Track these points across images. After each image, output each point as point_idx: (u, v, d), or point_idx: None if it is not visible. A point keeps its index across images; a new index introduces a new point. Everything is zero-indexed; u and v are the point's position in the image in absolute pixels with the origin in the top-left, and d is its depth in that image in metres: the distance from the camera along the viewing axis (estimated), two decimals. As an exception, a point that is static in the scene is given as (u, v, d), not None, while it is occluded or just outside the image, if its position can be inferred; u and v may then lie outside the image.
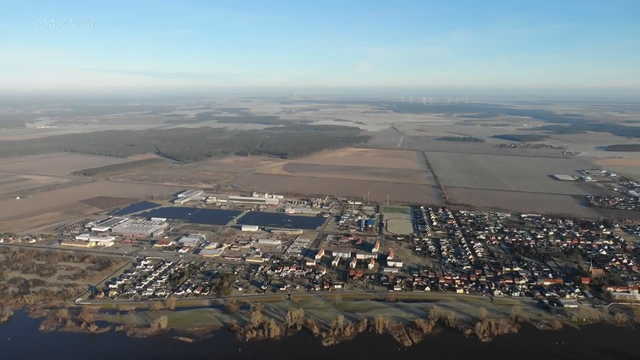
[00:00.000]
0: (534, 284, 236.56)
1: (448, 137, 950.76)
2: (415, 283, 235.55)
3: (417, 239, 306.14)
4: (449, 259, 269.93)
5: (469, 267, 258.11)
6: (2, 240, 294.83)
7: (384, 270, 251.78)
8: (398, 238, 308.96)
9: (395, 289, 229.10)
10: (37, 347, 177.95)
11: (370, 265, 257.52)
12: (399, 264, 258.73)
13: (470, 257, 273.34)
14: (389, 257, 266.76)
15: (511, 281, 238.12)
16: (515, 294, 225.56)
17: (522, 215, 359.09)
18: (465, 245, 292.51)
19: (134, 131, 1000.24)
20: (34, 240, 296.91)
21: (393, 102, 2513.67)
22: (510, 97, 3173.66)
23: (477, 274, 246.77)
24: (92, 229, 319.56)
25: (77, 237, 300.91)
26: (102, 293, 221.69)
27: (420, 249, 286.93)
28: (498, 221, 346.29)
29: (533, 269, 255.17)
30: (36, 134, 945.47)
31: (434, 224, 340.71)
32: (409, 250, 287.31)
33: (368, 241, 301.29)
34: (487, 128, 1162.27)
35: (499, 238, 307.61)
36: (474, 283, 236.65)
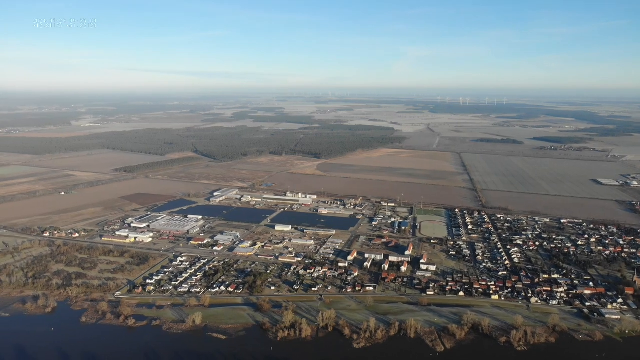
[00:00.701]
0: (574, 292, 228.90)
1: (485, 138, 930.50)
2: (448, 287, 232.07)
3: (452, 243, 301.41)
4: (484, 264, 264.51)
5: (505, 272, 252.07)
6: (47, 234, 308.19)
7: (417, 274, 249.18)
8: (432, 241, 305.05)
9: (428, 292, 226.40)
10: (78, 338, 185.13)
11: (403, 268, 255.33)
12: (433, 268, 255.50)
13: (507, 262, 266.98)
14: (422, 260, 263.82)
15: (549, 289, 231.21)
16: (554, 302, 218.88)
17: (562, 221, 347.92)
18: (501, 250, 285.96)
19: (173, 129, 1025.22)
20: (77, 235, 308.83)
21: (429, 102, 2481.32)
22: (551, 97, 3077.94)
23: (513, 280, 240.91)
24: (132, 224, 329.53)
25: (117, 233, 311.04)
26: (140, 288, 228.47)
27: (454, 253, 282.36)
28: (536, 226, 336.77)
29: (573, 276, 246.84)
30: (81, 132, 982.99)
31: (469, 227, 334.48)
32: (443, 253, 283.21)
33: (401, 243, 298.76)
34: (526, 130, 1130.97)
35: (537, 244, 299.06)
36: (509, 289, 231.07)
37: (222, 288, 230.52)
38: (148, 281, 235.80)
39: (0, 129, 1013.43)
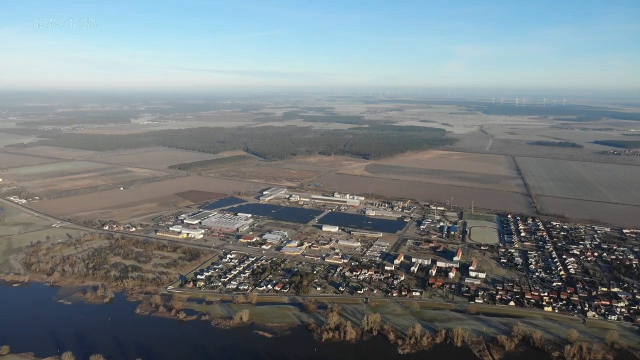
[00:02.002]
0: (635, 307, 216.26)
1: (542, 141, 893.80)
2: (498, 296, 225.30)
3: (503, 250, 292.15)
4: (537, 274, 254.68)
5: (560, 283, 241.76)
6: (107, 227, 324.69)
7: (466, 281, 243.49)
8: (482, 247, 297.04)
9: (476, 301, 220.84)
10: (132, 329, 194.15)
11: (451, 274, 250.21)
12: (482, 275, 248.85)
13: (562, 272, 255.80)
14: (471, 267, 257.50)
15: (608, 303, 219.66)
16: (613, 317, 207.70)
17: (624, 231, 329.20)
18: (556, 260, 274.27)
19: (225, 128, 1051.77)
20: (133, 229, 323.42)
21: (482, 103, 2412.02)
22: (615, 99, 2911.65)
23: (568, 291, 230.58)
24: (184, 221, 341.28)
25: (170, 228, 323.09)
26: (191, 283, 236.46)
27: (505, 261, 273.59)
28: (595, 235, 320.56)
29: (635, 291, 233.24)
30: (139, 129, 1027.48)
31: (522, 234, 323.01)
32: (494, 261, 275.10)
33: (450, 249, 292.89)
34: (586, 133, 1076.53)
35: (596, 254, 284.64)
36: (564, 301, 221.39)
37: (269, 287, 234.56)
38: (199, 277, 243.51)
39: (67, 126, 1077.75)
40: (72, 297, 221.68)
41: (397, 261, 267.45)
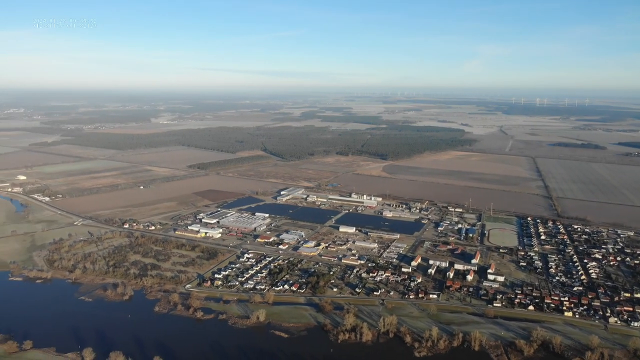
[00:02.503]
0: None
1: (563, 142, 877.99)
2: (517, 300, 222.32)
3: (522, 253, 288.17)
4: (557, 278, 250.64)
5: (581, 288, 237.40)
6: (127, 226, 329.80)
7: (484, 284, 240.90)
8: (501, 250, 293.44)
9: (494, 304, 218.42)
10: (151, 327, 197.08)
11: (469, 277, 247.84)
12: (501, 279, 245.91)
13: (583, 277, 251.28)
14: (489, 270, 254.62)
15: (631, 309, 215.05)
16: (636, 323, 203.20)
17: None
18: (577, 264, 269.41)
19: (244, 128, 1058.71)
20: (153, 227, 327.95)
21: (502, 103, 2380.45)
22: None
23: (589, 296, 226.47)
24: (203, 220, 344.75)
25: (189, 227, 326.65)
26: (209, 282, 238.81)
27: (525, 264, 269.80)
28: (618, 239, 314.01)
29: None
30: (159, 129, 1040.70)
31: (542, 237, 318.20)
32: (513, 264, 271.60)
33: (468, 251, 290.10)
34: (610, 134, 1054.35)
35: (619, 259, 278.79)
36: (585, 307, 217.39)
37: (286, 287, 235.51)
38: (216, 276, 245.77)
39: (89, 125, 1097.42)
40: (93, 294, 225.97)
41: (414, 263, 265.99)
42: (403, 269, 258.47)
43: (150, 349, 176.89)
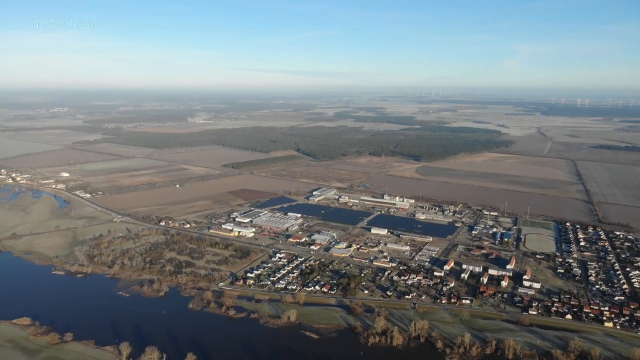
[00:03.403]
0: None
1: (606, 145, 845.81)
2: (554, 309, 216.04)
3: (560, 259, 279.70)
4: (597, 286, 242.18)
5: (623, 298, 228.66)
6: (163, 223, 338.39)
7: (519, 290, 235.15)
8: (537, 256, 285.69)
9: (530, 312, 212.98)
10: (185, 323, 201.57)
11: (504, 283, 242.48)
12: (537, 285, 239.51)
13: (625, 286, 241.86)
14: (525, 276, 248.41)
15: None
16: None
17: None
18: (619, 272, 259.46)
19: (277, 128, 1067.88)
20: (188, 225, 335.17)
21: (541, 103, 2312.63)
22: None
23: (632, 307, 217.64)
24: (236, 219, 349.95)
25: (223, 226, 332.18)
26: (241, 280, 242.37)
27: (562, 271, 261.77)
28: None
29: None
30: (195, 128, 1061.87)
31: (582, 244, 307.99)
32: (550, 270, 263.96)
33: (502, 256, 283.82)
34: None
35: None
36: (627, 317, 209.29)
37: (317, 287, 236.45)
38: (249, 275, 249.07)
39: (128, 124, 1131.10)
40: (130, 289, 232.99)
41: (447, 267, 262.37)
42: (435, 273, 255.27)
43: (183, 345, 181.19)
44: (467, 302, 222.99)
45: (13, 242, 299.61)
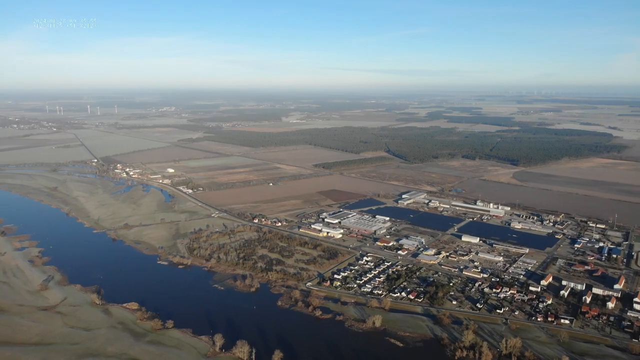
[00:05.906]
0: None
1: None
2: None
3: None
4: None
5: None
6: (256, 220, 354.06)
7: (628, 314, 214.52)
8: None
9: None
10: (274, 320, 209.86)
11: (610, 304, 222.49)
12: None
13: None
14: (636, 299, 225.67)
15: None
16: None
17: None
18: None
19: (368, 128, 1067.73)
20: (279, 224, 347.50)
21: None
22: None
23: None
24: (325, 219, 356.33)
25: (312, 226, 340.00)
26: (328, 282, 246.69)
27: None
28: None
29: None
30: (288, 127, 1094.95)
31: None
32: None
33: (610, 274, 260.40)
34: None
35: None
36: None
37: (403, 294, 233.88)
38: (335, 276, 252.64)
39: (228, 123, 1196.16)
40: (224, 283, 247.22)
41: (544, 282, 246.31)
42: (531, 288, 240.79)
43: (271, 341, 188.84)
44: (567, 322, 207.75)
45: (125, 231, 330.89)
